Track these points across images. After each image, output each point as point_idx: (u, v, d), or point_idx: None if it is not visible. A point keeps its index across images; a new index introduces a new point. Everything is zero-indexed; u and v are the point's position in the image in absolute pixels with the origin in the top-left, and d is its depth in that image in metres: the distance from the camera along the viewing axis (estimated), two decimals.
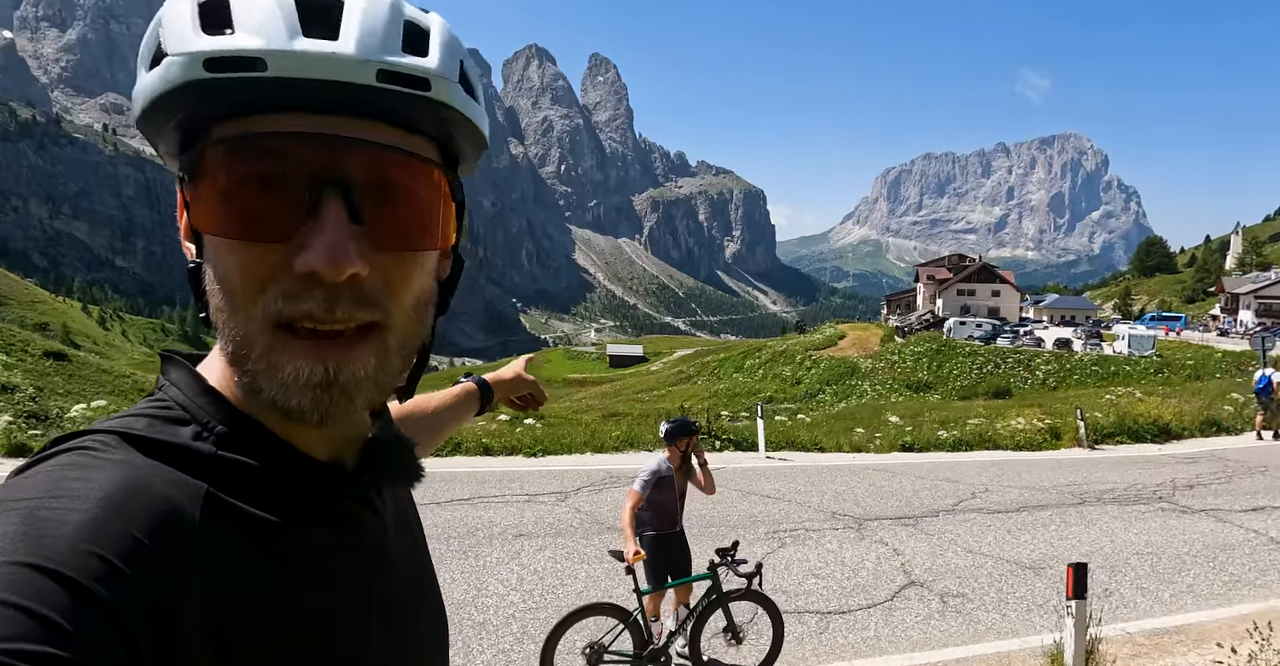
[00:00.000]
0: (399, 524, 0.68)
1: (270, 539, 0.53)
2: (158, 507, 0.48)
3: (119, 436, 0.52)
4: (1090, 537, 7.35)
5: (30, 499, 0.46)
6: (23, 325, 78.91)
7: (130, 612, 0.44)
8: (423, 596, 0.69)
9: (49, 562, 0.42)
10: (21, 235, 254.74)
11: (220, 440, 0.54)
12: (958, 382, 47.81)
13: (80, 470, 0.49)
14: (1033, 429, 13.64)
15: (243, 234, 0.51)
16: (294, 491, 0.56)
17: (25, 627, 0.40)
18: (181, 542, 0.48)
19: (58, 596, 0.41)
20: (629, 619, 4.00)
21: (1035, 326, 76.09)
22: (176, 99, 0.51)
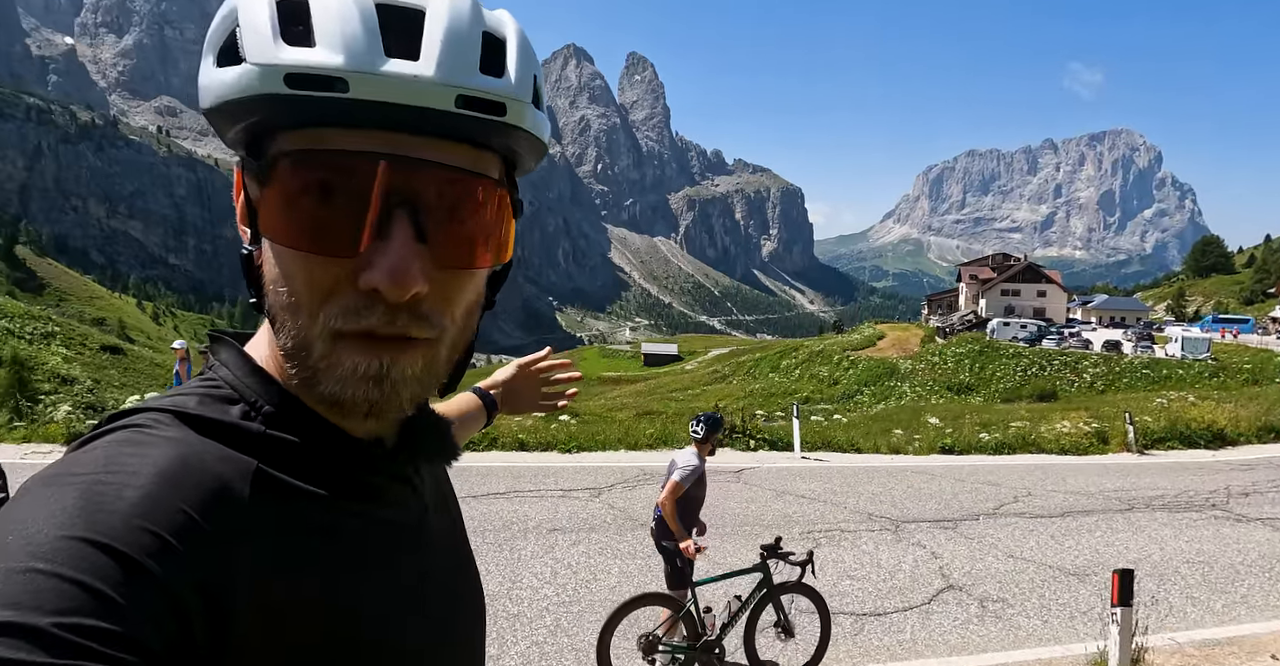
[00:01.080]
0: (438, 502, 0.69)
1: (316, 514, 0.55)
2: (209, 484, 0.49)
3: (172, 414, 0.54)
4: (1138, 545, 7.14)
5: (88, 474, 0.47)
6: (82, 320, 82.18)
7: (182, 587, 0.45)
8: (461, 572, 0.70)
9: (104, 537, 0.43)
10: (81, 233, 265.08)
11: (267, 418, 0.55)
12: (1001, 385, 46.71)
13: (135, 446, 0.50)
14: (1078, 432, 13.27)
15: (311, 247, 0.52)
16: (337, 468, 0.57)
17: (80, 601, 0.41)
18: (232, 518, 0.49)
19: (112, 571, 0.42)
20: (682, 610, 4.01)
21: (1083, 328, 73.95)
22: (250, 105, 0.51)
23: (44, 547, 0.42)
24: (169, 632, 0.43)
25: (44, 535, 0.43)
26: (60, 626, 0.39)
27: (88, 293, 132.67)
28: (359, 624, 0.55)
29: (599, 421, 16.03)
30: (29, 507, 0.45)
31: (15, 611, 0.39)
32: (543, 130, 0.58)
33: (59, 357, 30.32)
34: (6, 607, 0.39)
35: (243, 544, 0.49)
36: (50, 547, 0.42)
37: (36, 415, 12.24)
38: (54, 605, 0.40)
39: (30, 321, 41.18)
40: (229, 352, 0.59)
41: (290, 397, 0.57)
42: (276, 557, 0.51)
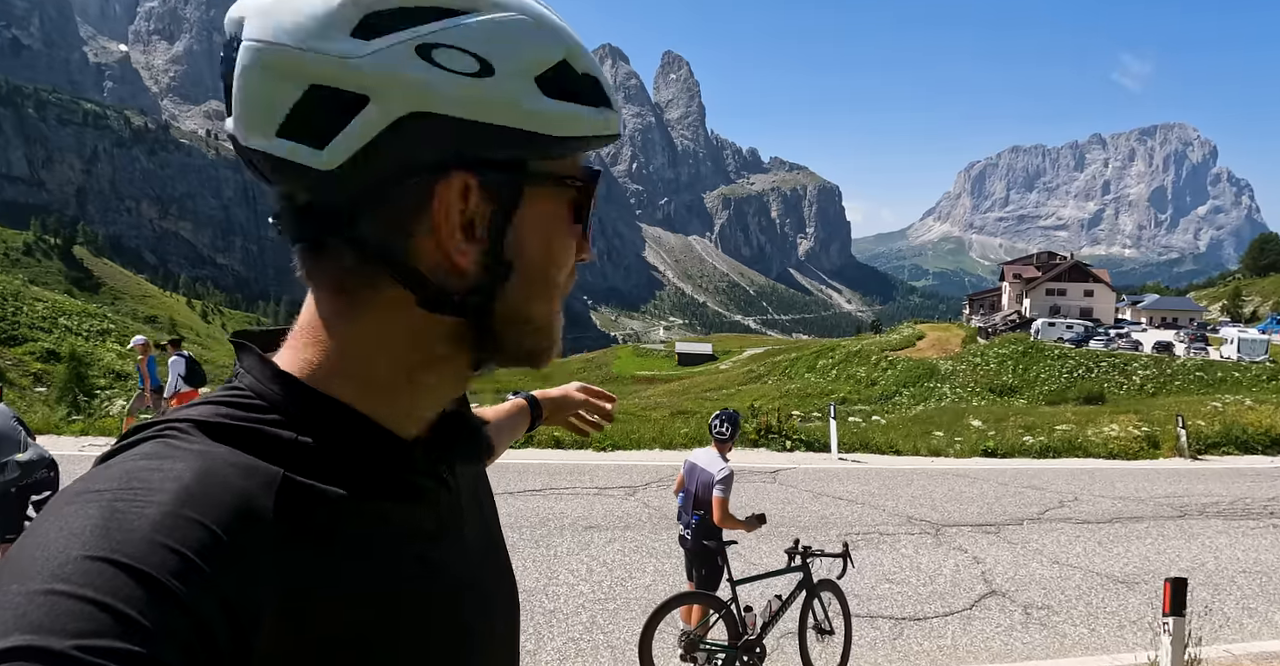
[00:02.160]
0: (472, 500, 0.70)
1: (347, 516, 0.55)
2: (232, 498, 0.49)
3: (195, 424, 0.53)
4: (1191, 553, 6.90)
5: (109, 490, 0.47)
6: (134, 318, 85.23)
7: (206, 606, 0.44)
8: (496, 569, 0.70)
9: (126, 557, 0.43)
10: (134, 234, 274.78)
11: (295, 423, 0.55)
12: (1045, 387, 45.58)
13: (157, 460, 0.50)
14: (1128, 436, 12.87)
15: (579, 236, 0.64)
16: (370, 466, 0.58)
17: (101, 623, 0.40)
18: (256, 532, 0.49)
19: (134, 592, 0.42)
20: (723, 609, 4.01)
21: (1132, 328, 71.77)
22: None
23: (66, 568, 0.42)
24: (193, 651, 0.43)
25: (66, 555, 0.43)
26: (82, 648, 0.39)
27: (140, 291, 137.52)
28: (390, 622, 0.55)
29: (634, 420, 16.07)
30: (52, 526, 0.45)
31: (36, 634, 0.39)
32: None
33: (114, 354, 31.50)
34: (28, 631, 0.39)
35: (268, 557, 0.49)
36: (72, 569, 0.42)
37: (93, 409, 12.75)
38: (75, 627, 0.40)
39: (87, 319, 42.86)
40: (250, 359, 0.59)
41: (319, 397, 0.57)
42: (304, 566, 0.51)
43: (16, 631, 0.39)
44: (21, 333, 33.29)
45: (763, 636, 4.07)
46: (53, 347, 31.46)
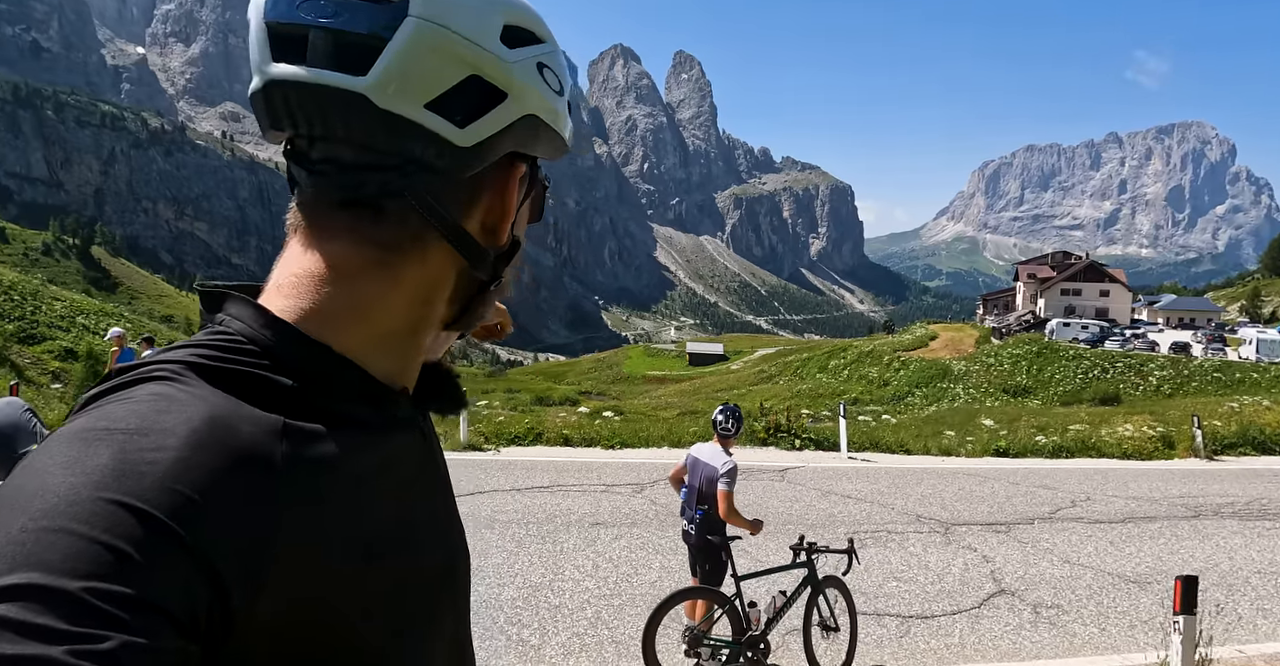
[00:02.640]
0: (437, 449, 0.73)
1: (343, 464, 0.56)
2: (241, 444, 0.49)
3: (189, 366, 0.53)
4: (1205, 553, 6.81)
5: (122, 431, 0.47)
6: (151, 317, 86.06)
7: (216, 552, 0.45)
8: (452, 519, 0.73)
9: (138, 501, 0.43)
10: (151, 235, 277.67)
11: (289, 369, 0.56)
12: (1060, 388, 45.17)
13: (168, 402, 0.50)
14: (1142, 436, 12.73)
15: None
16: (362, 415, 0.59)
17: (113, 568, 0.40)
18: (263, 477, 0.50)
19: (146, 536, 0.42)
20: (727, 604, 4.00)
21: (1149, 329, 70.99)
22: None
23: (77, 508, 0.42)
24: (199, 598, 0.44)
25: (77, 494, 0.42)
26: (89, 591, 0.39)
27: (157, 291, 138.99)
28: (383, 566, 0.57)
29: (643, 419, 16.07)
30: (60, 462, 0.45)
31: (42, 572, 0.39)
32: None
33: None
34: (32, 567, 0.39)
35: (274, 502, 0.50)
36: (86, 509, 0.42)
37: None
38: (84, 569, 0.40)
39: (104, 318, 43.34)
40: (242, 307, 0.59)
41: (314, 344, 0.58)
42: (307, 511, 0.52)
43: (25, 568, 0.39)
44: (40, 331, 33.71)
45: (767, 632, 4.05)
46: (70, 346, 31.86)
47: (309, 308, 0.58)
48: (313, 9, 0.56)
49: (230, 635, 0.46)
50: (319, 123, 0.57)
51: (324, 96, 0.56)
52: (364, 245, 0.59)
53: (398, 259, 0.60)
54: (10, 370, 20.13)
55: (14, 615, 0.37)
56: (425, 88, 0.56)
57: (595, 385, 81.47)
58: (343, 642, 0.53)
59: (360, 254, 0.59)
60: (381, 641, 0.56)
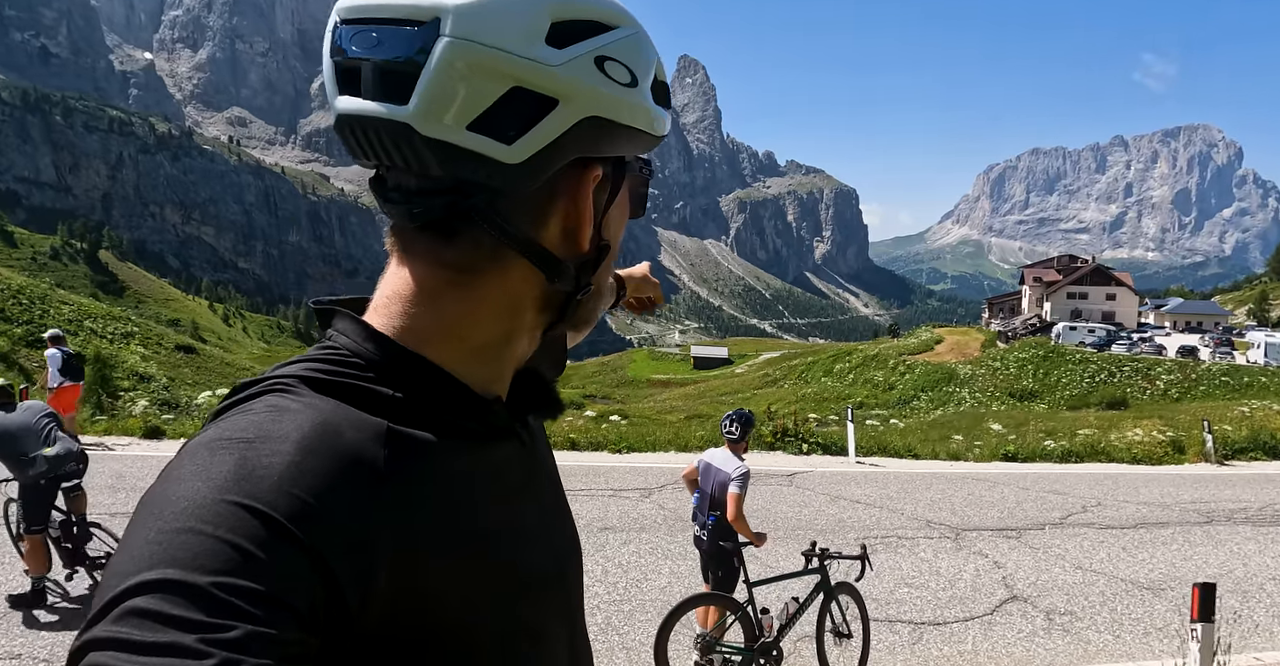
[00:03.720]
0: (544, 451, 0.75)
1: (445, 467, 0.58)
2: (348, 447, 0.53)
3: (300, 379, 0.58)
4: (1219, 559, 6.75)
5: (242, 439, 0.51)
6: (158, 321, 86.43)
7: (329, 550, 0.48)
8: (562, 520, 0.75)
9: (257, 503, 0.47)
10: (158, 239, 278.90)
11: (391, 380, 0.59)
12: (1066, 392, 44.98)
13: (281, 412, 0.54)
14: (1152, 441, 12.65)
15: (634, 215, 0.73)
16: (461, 423, 0.61)
17: (236, 564, 0.44)
18: (370, 479, 0.53)
19: (264, 535, 0.46)
20: (739, 610, 3.97)
21: (1156, 333, 70.69)
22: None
23: (205, 510, 0.46)
24: (315, 593, 0.47)
25: (204, 498, 0.47)
26: (216, 586, 0.43)
27: (164, 295, 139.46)
28: (485, 571, 0.59)
29: (649, 423, 16.03)
30: (193, 470, 0.49)
31: (176, 569, 0.43)
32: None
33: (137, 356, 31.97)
34: (167, 564, 0.43)
35: (381, 505, 0.52)
36: (211, 511, 0.46)
37: (117, 410, 12.92)
38: (213, 565, 0.43)
39: (111, 322, 43.54)
40: (346, 322, 0.62)
41: (412, 356, 0.60)
42: (410, 515, 0.54)
43: (162, 565, 0.43)
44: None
45: (780, 639, 4.02)
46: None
47: (402, 324, 0.61)
48: (361, 41, 0.56)
49: (346, 634, 0.49)
50: (381, 152, 0.58)
51: (377, 127, 0.57)
52: (442, 267, 0.61)
53: (476, 278, 0.61)
54: (19, 373, 20.22)
55: (153, 606, 0.41)
56: (466, 109, 0.56)
57: (600, 388, 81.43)
58: (455, 645, 0.56)
59: (438, 275, 0.61)
60: (493, 644, 0.58)
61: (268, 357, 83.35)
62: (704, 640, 3.97)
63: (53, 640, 4.28)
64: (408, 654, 0.53)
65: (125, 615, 0.41)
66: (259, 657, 0.42)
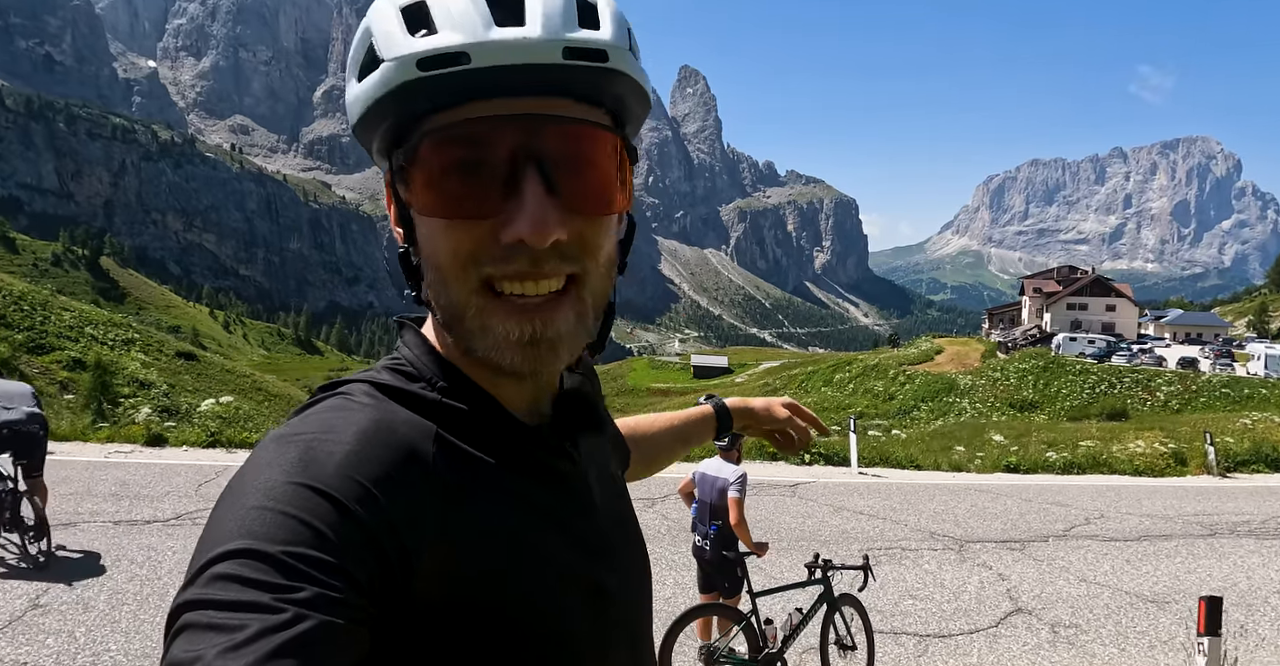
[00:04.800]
0: (601, 474, 0.75)
1: (485, 473, 0.62)
2: (400, 442, 0.58)
3: (369, 384, 0.63)
4: (1223, 572, 6.74)
5: (308, 434, 0.57)
6: (159, 328, 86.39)
7: (381, 528, 0.53)
8: (626, 536, 0.75)
9: (320, 484, 0.52)
10: (159, 246, 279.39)
11: (442, 391, 0.64)
12: (1067, 402, 44.91)
13: (343, 411, 0.60)
14: (1154, 453, 12.64)
15: (456, 213, 0.58)
16: (500, 439, 0.64)
17: (302, 535, 0.49)
18: (419, 470, 0.58)
19: (327, 512, 0.51)
20: (743, 621, 3.97)
21: (1156, 344, 70.66)
22: (393, 98, 0.58)
23: (274, 490, 0.52)
24: (370, 565, 0.51)
25: (274, 480, 0.52)
26: (287, 554, 0.48)
27: (165, 301, 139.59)
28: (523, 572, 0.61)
29: None
30: (264, 460, 0.55)
31: (252, 540, 0.48)
32: (643, 77, 0.63)
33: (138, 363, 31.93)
34: (245, 536, 0.49)
35: (427, 493, 0.57)
36: (279, 491, 0.51)
37: (118, 417, 12.91)
38: (282, 536, 0.49)
39: (112, 328, 43.51)
40: (411, 335, 0.68)
41: (459, 374, 0.65)
42: (454, 503, 0.58)
43: (239, 537, 0.49)
44: (49, 341, 33.83)
45: (784, 650, 4.02)
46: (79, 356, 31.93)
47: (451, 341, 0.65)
48: None
49: (397, 606, 0.53)
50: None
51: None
52: None
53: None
54: (19, 379, 20.22)
55: (234, 571, 0.47)
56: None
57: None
58: (494, 636, 0.58)
59: None
60: (532, 645, 0.60)
61: (268, 365, 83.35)
62: (708, 650, 3.97)
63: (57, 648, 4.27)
64: (453, 635, 0.56)
65: (212, 579, 0.47)
66: (325, 615, 0.47)
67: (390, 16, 0.58)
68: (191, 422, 12.14)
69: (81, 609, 4.80)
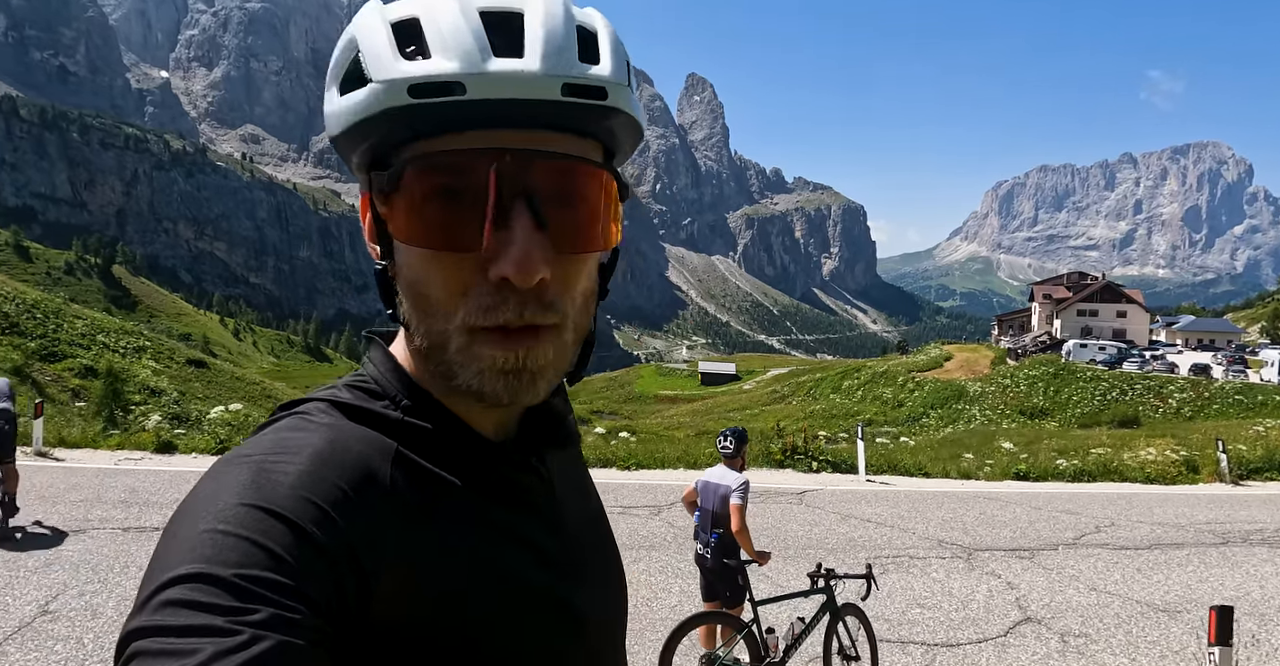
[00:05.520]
0: (572, 490, 0.74)
1: (446, 493, 0.60)
2: (356, 462, 0.56)
3: (329, 403, 0.62)
4: (1235, 581, 6.67)
5: (259, 454, 0.56)
6: (170, 335, 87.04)
7: (337, 549, 0.52)
8: (599, 554, 0.73)
9: (273, 505, 0.51)
10: (170, 254, 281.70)
11: (405, 410, 0.62)
12: (1078, 409, 44.61)
13: (297, 431, 0.58)
14: (1165, 460, 12.54)
15: (442, 245, 0.56)
16: (464, 457, 0.63)
17: (256, 558, 0.48)
18: (376, 491, 0.56)
19: (281, 533, 0.50)
20: (745, 629, 3.95)
21: (1168, 350, 70.10)
22: (378, 121, 0.55)
23: (226, 513, 0.50)
24: (327, 587, 0.50)
25: (225, 503, 0.51)
26: (240, 577, 0.47)
27: (176, 309, 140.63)
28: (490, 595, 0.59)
29: (657, 440, 16.01)
30: (215, 482, 0.54)
31: (204, 564, 0.47)
32: (640, 113, 0.62)
33: (149, 370, 32.22)
34: (197, 561, 0.47)
35: (385, 514, 0.56)
36: (231, 513, 0.50)
37: (129, 424, 13.00)
38: (235, 559, 0.48)
39: (124, 336, 43.86)
40: (376, 351, 0.66)
41: (423, 393, 0.63)
42: (412, 525, 0.57)
43: (190, 561, 0.48)
44: (61, 349, 34.15)
45: (786, 659, 4.00)
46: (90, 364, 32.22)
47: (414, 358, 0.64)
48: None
49: (355, 628, 0.52)
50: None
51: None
52: None
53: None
54: (31, 387, 20.40)
55: (185, 596, 0.46)
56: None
57: (607, 404, 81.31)
58: (457, 657, 0.57)
59: None
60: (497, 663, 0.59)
61: (277, 372, 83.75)
62: (709, 659, 3.95)
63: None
64: (413, 656, 0.55)
65: (162, 605, 0.45)
66: (282, 635, 0.46)
67: (379, 31, 0.56)
68: (201, 430, 12.21)
69: (90, 615, 4.82)
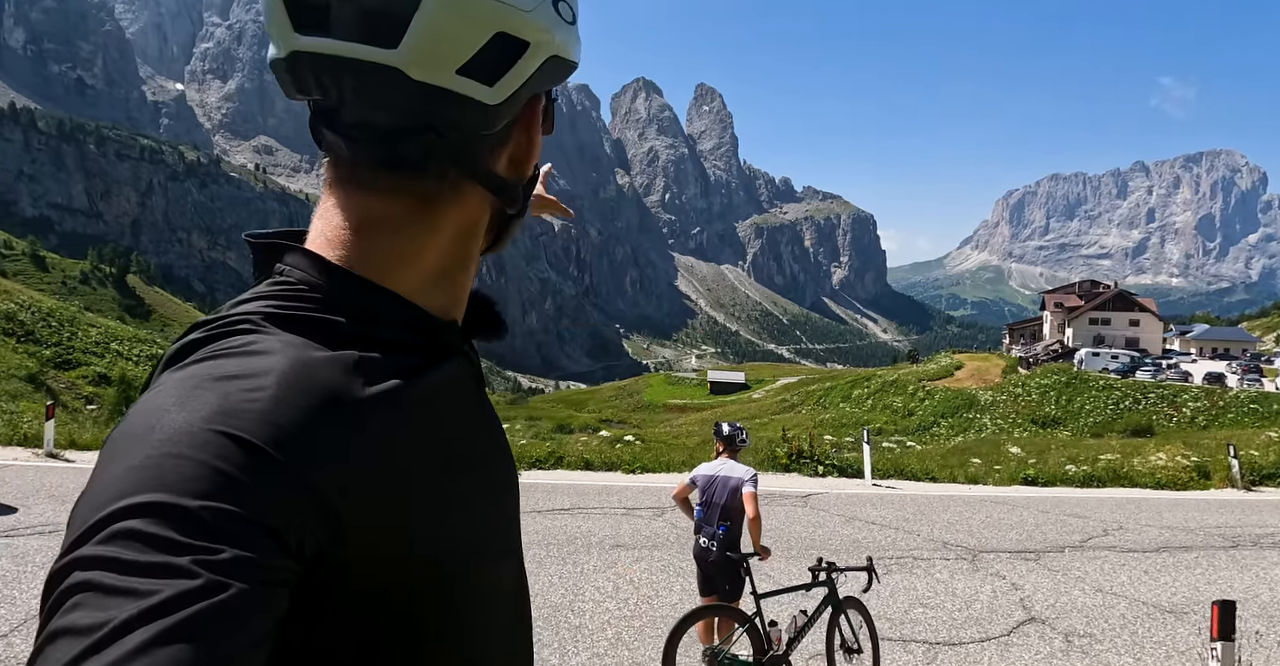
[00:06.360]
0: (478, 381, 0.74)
1: (410, 388, 0.60)
2: (324, 384, 0.54)
3: (264, 317, 0.58)
4: (1244, 584, 6.60)
5: (223, 377, 0.52)
6: None
7: (310, 478, 0.50)
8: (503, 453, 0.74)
9: (245, 433, 0.48)
10: (184, 264, 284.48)
11: (353, 310, 0.60)
12: (1090, 418, 44.24)
13: (255, 352, 0.55)
14: (1176, 466, 12.42)
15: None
16: (422, 345, 0.63)
17: (224, 489, 0.45)
18: (348, 411, 0.54)
19: (251, 463, 0.47)
20: (747, 623, 3.96)
21: (1181, 359, 69.50)
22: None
23: (194, 438, 0.47)
24: (298, 520, 0.48)
25: (192, 426, 0.48)
26: (206, 509, 0.44)
27: (188, 318, 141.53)
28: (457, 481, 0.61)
29: (664, 446, 15.99)
30: (175, 401, 0.50)
31: (167, 493, 0.44)
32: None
33: None
34: (159, 489, 0.44)
35: (355, 432, 0.54)
36: (200, 438, 0.47)
37: None
38: (202, 489, 0.45)
39: (137, 344, 44.32)
40: (299, 257, 0.63)
41: (375, 288, 0.62)
42: (384, 439, 0.56)
43: (151, 489, 0.44)
44: (76, 357, 34.52)
45: (789, 652, 3.99)
46: (104, 371, 32.53)
47: (361, 256, 0.62)
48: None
49: (325, 562, 0.50)
50: (350, 91, 0.58)
51: (355, 68, 0.57)
52: (406, 198, 0.63)
53: (437, 207, 0.64)
54: (45, 393, 20.65)
55: (145, 528, 0.42)
56: (456, 54, 0.57)
57: (616, 413, 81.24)
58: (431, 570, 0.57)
59: (403, 205, 0.63)
60: (466, 558, 0.60)
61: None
62: (712, 652, 3.96)
63: None
64: (384, 583, 0.55)
65: (115, 536, 0.42)
66: (245, 581, 0.43)
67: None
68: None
69: None
